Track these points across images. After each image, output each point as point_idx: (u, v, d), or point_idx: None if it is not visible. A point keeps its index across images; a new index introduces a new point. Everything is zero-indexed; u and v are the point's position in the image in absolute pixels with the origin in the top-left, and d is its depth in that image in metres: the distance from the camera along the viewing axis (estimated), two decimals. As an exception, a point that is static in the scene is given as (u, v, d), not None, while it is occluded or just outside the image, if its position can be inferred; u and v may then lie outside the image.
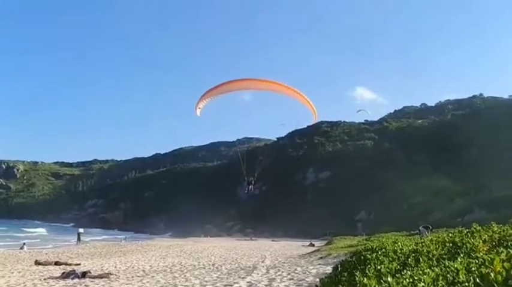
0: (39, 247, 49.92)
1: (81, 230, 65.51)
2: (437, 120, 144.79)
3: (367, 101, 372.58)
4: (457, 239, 9.61)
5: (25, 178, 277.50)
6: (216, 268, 22.09)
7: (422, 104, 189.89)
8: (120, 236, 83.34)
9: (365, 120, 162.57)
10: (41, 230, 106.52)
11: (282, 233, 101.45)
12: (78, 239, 59.28)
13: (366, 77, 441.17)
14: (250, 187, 23.86)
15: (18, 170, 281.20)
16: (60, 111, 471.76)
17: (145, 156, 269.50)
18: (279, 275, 16.44)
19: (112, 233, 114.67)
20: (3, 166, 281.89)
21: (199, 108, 17.41)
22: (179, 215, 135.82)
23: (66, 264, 24.41)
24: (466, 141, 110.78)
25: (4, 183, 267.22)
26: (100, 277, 17.84)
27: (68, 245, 54.98)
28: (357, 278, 6.63)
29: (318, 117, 18.68)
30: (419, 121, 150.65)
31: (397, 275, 6.18)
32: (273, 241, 76.46)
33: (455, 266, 5.51)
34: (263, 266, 21.42)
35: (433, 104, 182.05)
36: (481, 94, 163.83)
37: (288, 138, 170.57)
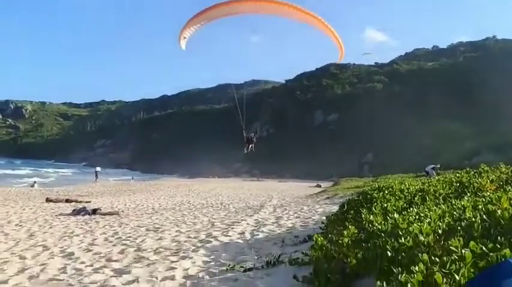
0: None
1: (98, 168, 67.16)
2: (449, 63, 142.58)
3: (377, 43, 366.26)
4: (464, 179, 9.63)
5: (33, 118, 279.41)
6: (224, 206, 22.44)
7: (434, 46, 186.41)
8: (132, 177, 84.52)
9: (375, 63, 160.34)
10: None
11: (289, 175, 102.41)
12: (96, 176, 61.16)
13: (376, 18, 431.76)
14: (250, 146, 20.74)
15: (26, 110, 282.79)
16: (68, 52, 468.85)
17: (153, 97, 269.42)
18: (286, 213, 16.66)
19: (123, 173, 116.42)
20: (12, 106, 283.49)
21: (185, 38, 13.09)
22: (187, 156, 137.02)
23: (76, 201, 24.90)
24: (478, 84, 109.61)
25: (13, 123, 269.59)
26: (110, 214, 18.20)
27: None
28: (363, 216, 6.70)
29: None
30: (431, 63, 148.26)
31: (403, 212, 6.24)
32: (279, 182, 77.33)
33: (462, 203, 5.53)
34: (270, 206, 21.73)
35: (445, 46, 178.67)
36: (494, 36, 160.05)
37: (296, 81, 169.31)
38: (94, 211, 18.13)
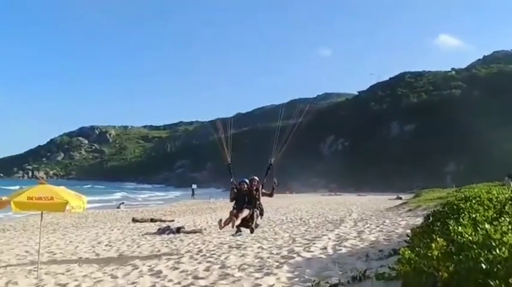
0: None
1: (194, 186, 70.19)
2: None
3: (452, 48, 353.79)
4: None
5: (117, 142, 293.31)
6: (304, 221, 22.39)
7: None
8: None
9: (451, 69, 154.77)
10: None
11: (367, 188, 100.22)
12: (192, 194, 63.63)
13: (448, 22, 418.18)
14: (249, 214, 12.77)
15: (110, 134, 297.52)
16: (146, 78, 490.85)
17: (228, 116, 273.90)
18: (368, 227, 16.37)
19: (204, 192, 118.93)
20: (97, 131, 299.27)
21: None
22: (262, 173, 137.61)
23: (161, 221, 25.75)
24: None
25: (98, 147, 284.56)
26: (193, 232, 18.69)
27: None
28: (450, 227, 6.49)
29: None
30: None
31: (494, 223, 5.98)
32: (358, 195, 75.92)
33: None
34: (350, 220, 21.43)
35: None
36: None
37: (370, 92, 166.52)
38: (178, 230, 18.68)
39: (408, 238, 9.23)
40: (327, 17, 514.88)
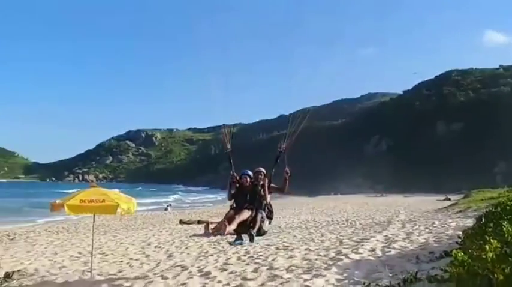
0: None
1: None
2: None
3: (499, 45, 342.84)
4: None
5: (163, 145, 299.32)
6: (350, 223, 22.22)
7: None
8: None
9: (499, 66, 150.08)
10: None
11: (414, 189, 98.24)
12: None
13: (495, 19, 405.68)
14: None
15: (156, 138, 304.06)
16: (188, 79, 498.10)
17: (270, 118, 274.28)
18: (416, 229, 16.08)
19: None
20: (143, 135, 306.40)
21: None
22: (306, 174, 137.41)
23: (207, 222, 26.06)
24: None
25: (145, 151, 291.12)
26: (240, 233, 18.79)
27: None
28: (504, 229, 6.34)
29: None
30: None
31: (551, 224, 5.82)
32: (405, 196, 74.62)
33: None
34: (398, 221, 21.11)
35: None
36: None
37: (415, 91, 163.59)
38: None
39: (460, 240, 9.05)
40: (372, 16, 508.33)
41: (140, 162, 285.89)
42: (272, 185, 10.04)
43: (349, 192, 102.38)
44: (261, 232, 9.62)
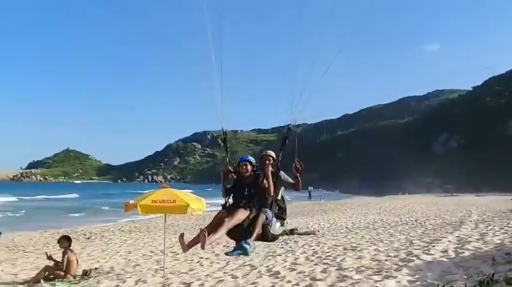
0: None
1: (310, 188, 73.56)
2: None
3: None
4: None
5: (228, 146, 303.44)
6: (420, 223, 21.67)
7: None
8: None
9: None
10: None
11: (487, 188, 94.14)
12: (309, 196, 66.93)
13: None
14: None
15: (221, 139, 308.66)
16: (252, 80, 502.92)
17: (334, 117, 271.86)
18: (491, 229, 15.48)
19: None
20: (209, 137, 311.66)
21: None
22: (372, 174, 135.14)
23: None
24: None
25: (211, 152, 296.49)
26: (307, 233, 18.85)
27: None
28: None
29: None
30: None
31: None
32: (477, 196, 71.62)
33: None
34: (471, 221, 20.37)
35: None
36: None
37: (485, 87, 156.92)
38: (291, 231, 18.92)
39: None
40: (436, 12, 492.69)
41: (206, 163, 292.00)
42: (286, 178, 7.49)
43: (418, 192, 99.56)
44: (269, 237, 7.00)
